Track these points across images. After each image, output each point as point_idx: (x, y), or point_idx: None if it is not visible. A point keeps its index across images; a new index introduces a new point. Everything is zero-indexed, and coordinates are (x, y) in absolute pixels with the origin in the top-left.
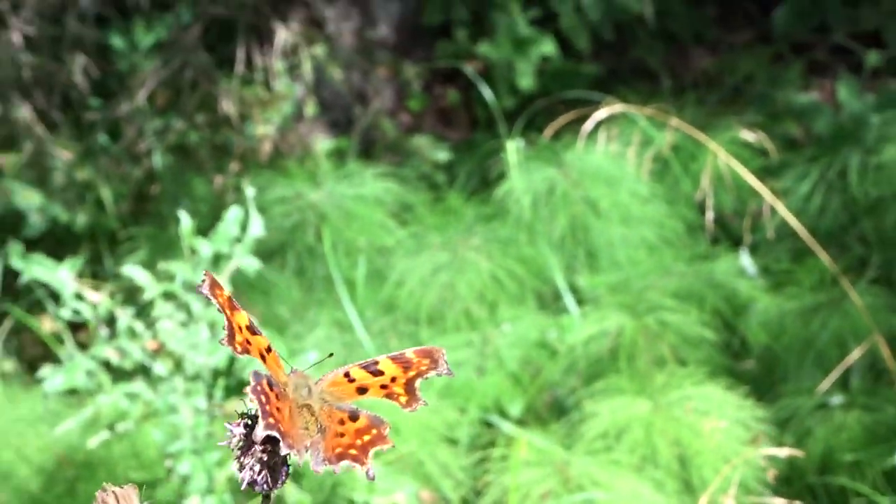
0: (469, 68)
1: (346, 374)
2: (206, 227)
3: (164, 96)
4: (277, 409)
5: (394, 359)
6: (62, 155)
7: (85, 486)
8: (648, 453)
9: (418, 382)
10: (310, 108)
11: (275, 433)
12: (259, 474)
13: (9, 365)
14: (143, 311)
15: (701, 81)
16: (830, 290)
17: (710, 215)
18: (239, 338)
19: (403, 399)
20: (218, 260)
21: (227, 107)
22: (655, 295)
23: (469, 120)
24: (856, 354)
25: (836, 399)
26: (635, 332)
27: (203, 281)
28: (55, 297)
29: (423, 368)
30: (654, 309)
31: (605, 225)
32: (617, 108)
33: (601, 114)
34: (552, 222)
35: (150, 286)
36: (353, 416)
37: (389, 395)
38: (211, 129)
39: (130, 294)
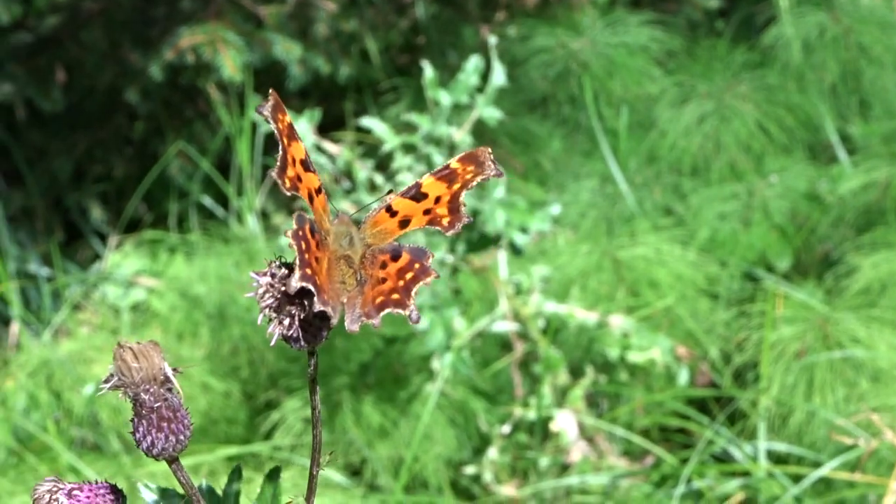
0: None
1: (388, 208)
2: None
3: None
4: (316, 258)
5: (437, 175)
6: (326, 6)
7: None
8: None
9: (463, 196)
10: None
11: (310, 286)
12: (290, 329)
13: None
14: (383, 165)
15: None
16: None
17: None
18: (290, 172)
19: (446, 221)
20: (460, 110)
21: None
22: None
23: None
24: None
25: None
26: None
27: (268, 102)
28: None
29: (469, 177)
30: None
31: (879, 71)
32: None
33: None
34: (823, 69)
35: (388, 138)
36: (395, 255)
37: (433, 221)
38: None
39: (374, 147)
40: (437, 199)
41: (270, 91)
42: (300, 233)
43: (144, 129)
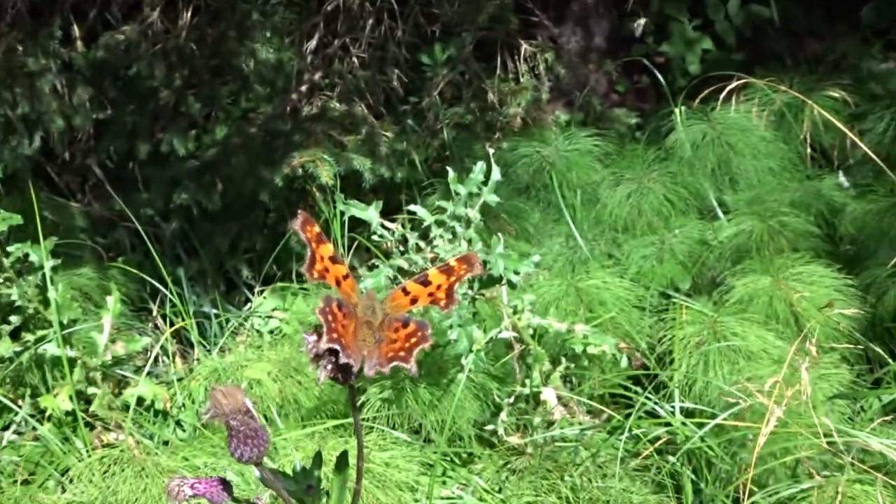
0: (653, 61)
1: (404, 289)
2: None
3: (450, 92)
4: (343, 325)
5: (440, 269)
6: (386, 134)
7: None
8: (771, 312)
9: (457, 286)
10: (544, 94)
11: (335, 346)
12: (331, 373)
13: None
14: (425, 235)
15: (811, 60)
16: None
17: (812, 149)
18: (318, 266)
19: (443, 302)
20: (472, 197)
21: (491, 96)
22: (777, 205)
23: (656, 95)
24: None
25: None
26: (763, 230)
27: (296, 218)
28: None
29: (462, 272)
30: (776, 214)
31: (741, 159)
32: (747, 81)
33: (735, 85)
34: (705, 159)
35: (427, 217)
36: (405, 323)
37: (434, 301)
38: (481, 112)
39: (418, 223)
40: (439, 287)
41: (299, 211)
42: (326, 309)
43: (274, 217)
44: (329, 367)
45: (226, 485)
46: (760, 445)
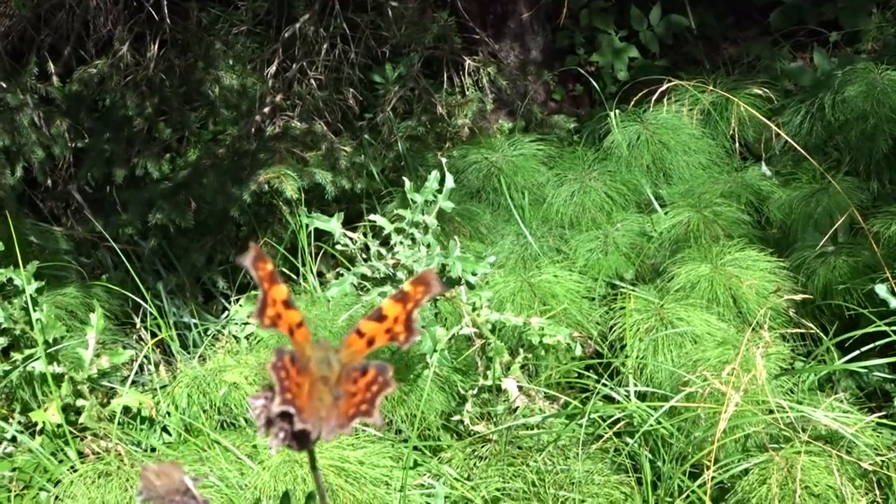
0: (586, 70)
1: (358, 331)
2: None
3: (402, 107)
4: (297, 384)
5: (394, 298)
6: (345, 150)
7: None
8: (712, 297)
9: (416, 314)
10: (489, 105)
11: (290, 409)
12: (285, 440)
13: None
14: (386, 242)
15: (728, 63)
16: (820, 181)
17: (738, 143)
18: (270, 311)
19: (402, 336)
20: (428, 204)
21: (440, 109)
22: (709, 196)
23: (590, 101)
24: (840, 220)
25: (830, 249)
26: (698, 220)
27: (247, 253)
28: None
29: (419, 296)
30: (709, 205)
31: (674, 156)
32: (675, 84)
33: (665, 88)
34: (641, 157)
35: (387, 225)
36: (364, 371)
37: (392, 338)
38: (431, 124)
39: (380, 231)
40: (396, 319)
41: (251, 244)
42: (279, 364)
43: (245, 231)
44: (282, 434)
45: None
46: (721, 428)
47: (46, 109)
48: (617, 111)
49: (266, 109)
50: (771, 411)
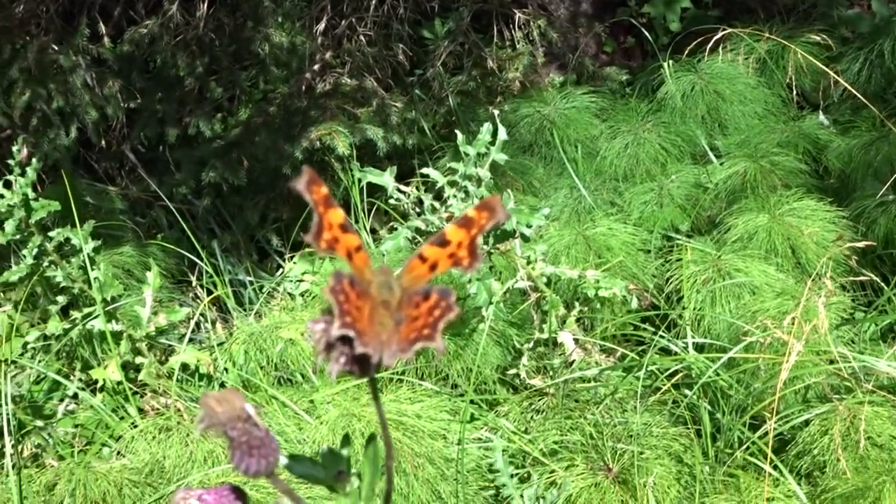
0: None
1: (420, 256)
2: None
3: (452, 62)
4: (357, 307)
5: (458, 223)
6: (395, 105)
7: None
8: (770, 247)
9: (479, 239)
10: (539, 59)
11: (350, 332)
12: (346, 365)
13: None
14: (439, 196)
15: (783, 11)
16: (879, 129)
17: (794, 92)
18: (327, 235)
19: (466, 262)
20: (480, 157)
21: (491, 63)
22: (766, 146)
23: (642, 53)
24: None
25: (890, 198)
26: (755, 170)
27: (300, 177)
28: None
29: (484, 222)
30: (766, 155)
31: (729, 106)
32: (729, 32)
33: (719, 37)
34: (695, 108)
35: (440, 179)
36: (426, 296)
37: (456, 263)
38: (482, 78)
39: (432, 185)
40: (459, 244)
41: (304, 167)
42: (337, 287)
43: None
44: (342, 359)
45: (238, 493)
46: (783, 379)
47: (98, 70)
48: (670, 62)
49: (316, 67)
50: (832, 361)
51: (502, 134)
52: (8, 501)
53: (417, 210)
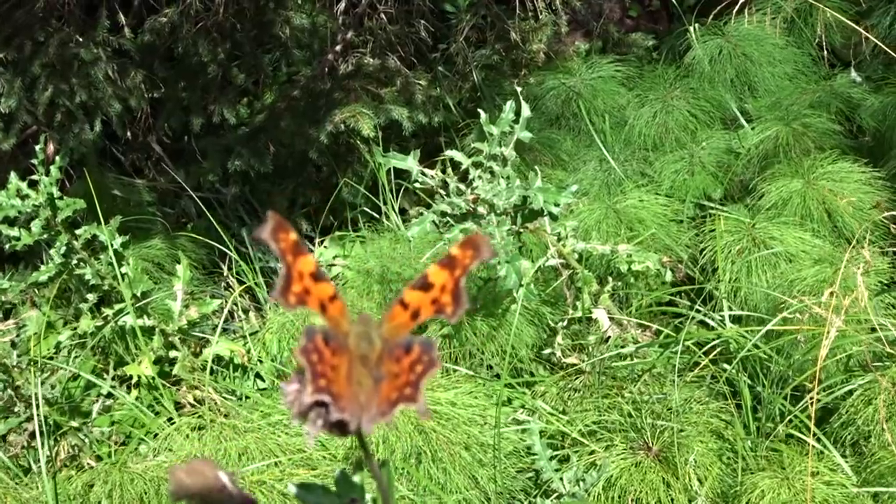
0: None
1: (401, 302)
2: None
3: (475, 36)
4: (332, 367)
5: (440, 264)
6: (419, 83)
7: None
8: (805, 213)
9: (463, 282)
10: (563, 28)
11: (324, 397)
12: (323, 429)
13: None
14: (465, 177)
15: None
16: None
17: (825, 50)
18: (296, 287)
19: (450, 309)
20: (504, 136)
21: (514, 35)
22: (797, 108)
23: (668, 17)
24: None
25: None
26: (787, 134)
27: (263, 224)
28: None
29: (468, 261)
30: (797, 117)
31: (758, 68)
32: None
33: None
34: (724, 72)
35: (464, 160)
36: (408, 348)
37: (439, 310)
38: (506, 51)
39: (458, 166)
40: (442, 288)
41: (269, 212)
42: (309, 346)
43: (325, 172)
44: (319, 421)
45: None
46: (823, 355)
47: (120, 62)
48: (696, 25)
49: (338, 47)
50: (873, 329)
51: (525, 111)
52: None
53: (443, 192)
